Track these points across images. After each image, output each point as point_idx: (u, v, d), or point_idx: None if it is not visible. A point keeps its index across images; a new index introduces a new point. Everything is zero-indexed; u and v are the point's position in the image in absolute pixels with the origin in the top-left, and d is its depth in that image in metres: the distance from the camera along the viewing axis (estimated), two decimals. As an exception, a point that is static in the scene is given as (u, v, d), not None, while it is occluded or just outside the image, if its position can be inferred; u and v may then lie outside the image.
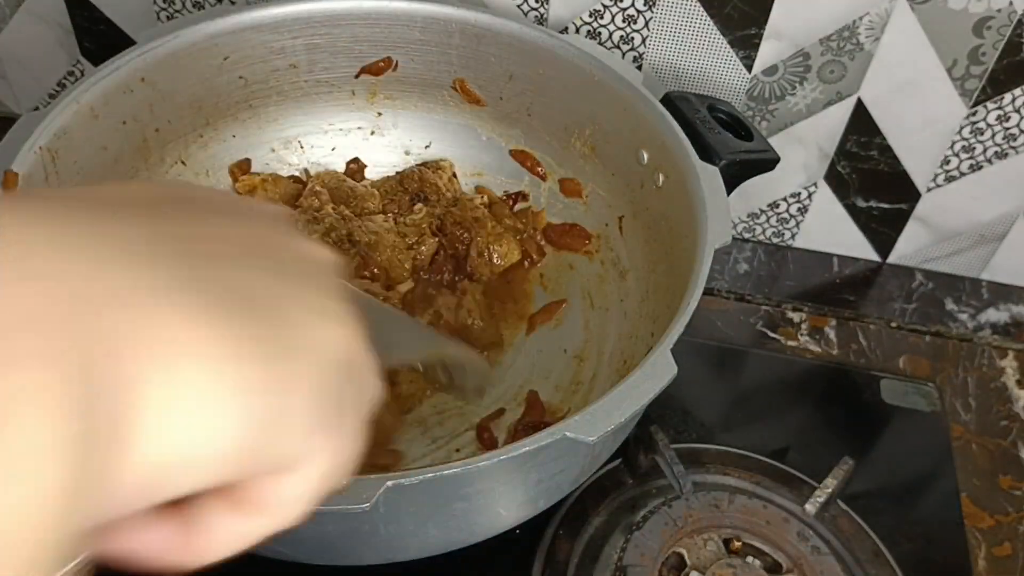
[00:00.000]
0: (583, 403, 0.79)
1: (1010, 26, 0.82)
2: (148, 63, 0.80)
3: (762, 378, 0.90)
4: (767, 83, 0.91)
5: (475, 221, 0.89)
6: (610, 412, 0.57)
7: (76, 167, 0.76)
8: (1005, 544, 0.78)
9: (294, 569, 0.65)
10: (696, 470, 0.79)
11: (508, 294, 0.89)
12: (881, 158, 0.94)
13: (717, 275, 1.00)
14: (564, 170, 0.91)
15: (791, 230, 1.02)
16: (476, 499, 0.60)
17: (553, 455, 0.59)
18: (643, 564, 0.70)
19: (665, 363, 0.59)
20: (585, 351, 0.84)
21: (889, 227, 0.99)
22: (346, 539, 0.61)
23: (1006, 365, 0.93)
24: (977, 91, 0.87)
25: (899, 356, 0.93)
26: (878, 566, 0.74)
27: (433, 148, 0.96)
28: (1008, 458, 0.85)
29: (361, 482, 0.52)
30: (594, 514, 0.76)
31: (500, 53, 0.88)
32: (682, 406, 0.86)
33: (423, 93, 0.93)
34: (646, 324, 0.78)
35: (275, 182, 0.90)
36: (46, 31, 1.01)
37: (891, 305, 0.98)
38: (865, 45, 0.86)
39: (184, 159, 0.88)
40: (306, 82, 0.91)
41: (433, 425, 0.79)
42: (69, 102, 0.74)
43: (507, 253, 0.89)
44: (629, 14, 0.89)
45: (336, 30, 0.88)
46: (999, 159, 0.92)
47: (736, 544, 0.72)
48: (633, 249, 0.84)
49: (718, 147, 0.76)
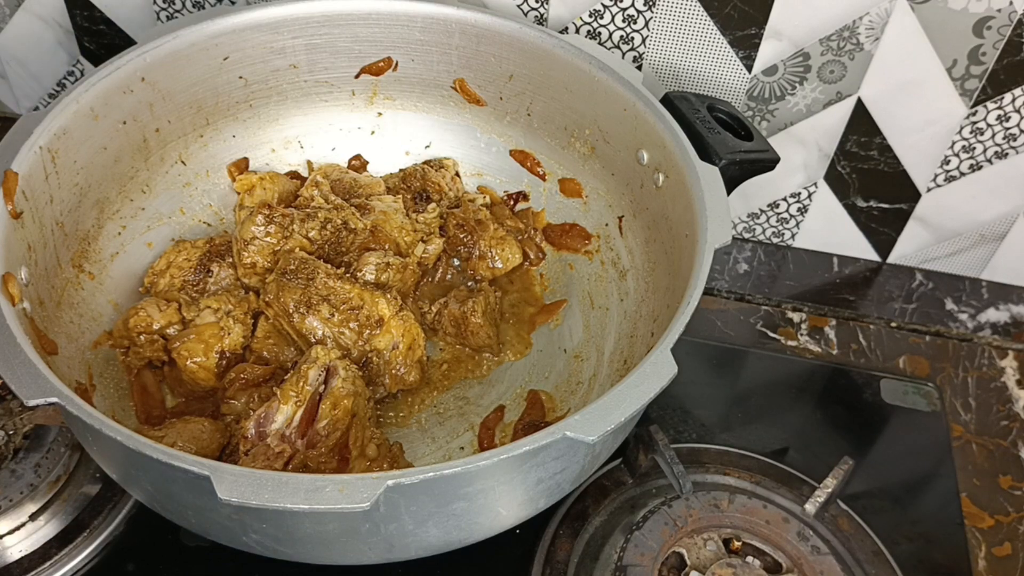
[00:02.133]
0: (583, 403, 0.79)
1: (1010, 26, 0.82)
2: (148, 63, 0.80)
3: (762, 378, 0.90)
4: (767, 83, 0.91)
5: (478, 224, 0.89)
6: (610, 412, 0.57)
7: (76, 167, 0.76)
8: (1005, 544, 0.78)
9: (294, 569, 0.65)
10: (696, 470, 0.79)
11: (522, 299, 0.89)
12: (881, 158, 0.94)
13: (717, 275, 1.00)
14: (564, 170, 0.91)
15: (791, 230, 1.02)
16: (476, 499, 0.60)
17: (553, 455, 0.59)
18: (643, 564, 0.70)
19: (665, 363, 0.59)
20: (585, 351, 0.84)
21: (889, 227, 0.99)
22: (346, 539, 0.61)
23: (1006, 365, 0.93)
24: (977, 91, 0.87)
25: (899, 356, 0.93)
26: (878, 566, 0.74)
27: (433, 148, 0.96)
28: (1008, 458, 0.85)
29: (361, 482, 0.52)
30: (594, 514, 0.76)
31: (500, 53, 0.88)
32: (682, 406, 0.86)
33: (423, 93, 0.93)
34: (646, 324, 0.78)
35: (273, 180, 0.90)
36: (46, 31, 1.01)
37: (891, 305, 0.98)
38: (865, 45, 0.86)
39: (184, 159, 0.88)
40: (306, 82, 0.91)
41: (433, 425, 0.79)
42: (69, 102, 0.74)
43: (509, 257, 0.89)
44: (629, 14, 0.89)
45: (336, 30, 0.88)
46: (999, 159, 0.92)
47: (736, 544, 0.72)
48: (633, 249, 0.84)
49: (718, 147, 0.76)
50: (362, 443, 0.70)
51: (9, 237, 0.66)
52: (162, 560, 0.72)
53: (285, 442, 0.66)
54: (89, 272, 0.79)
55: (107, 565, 0.71)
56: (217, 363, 0.76)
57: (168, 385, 0.79)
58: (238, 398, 0.75)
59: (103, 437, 0.55)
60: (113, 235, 0.82)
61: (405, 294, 0.83)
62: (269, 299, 0.77)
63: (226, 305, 0.79)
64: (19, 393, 0.55)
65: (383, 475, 0.52)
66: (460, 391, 0.82)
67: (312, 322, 0.75)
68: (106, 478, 0.74)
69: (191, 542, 0.73)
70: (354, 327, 0.75)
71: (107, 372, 0.77)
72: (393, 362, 0.77)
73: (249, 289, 0.82)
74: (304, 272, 0.77)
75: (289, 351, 0.78)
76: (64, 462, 0.74)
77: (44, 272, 0.72)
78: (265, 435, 0.66)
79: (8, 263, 0.65)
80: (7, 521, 0.71)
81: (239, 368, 0.76)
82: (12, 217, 0.67)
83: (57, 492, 0.73)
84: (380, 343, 0.76)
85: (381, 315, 0.76)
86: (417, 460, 0.76)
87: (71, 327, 0.75)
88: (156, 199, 0.86)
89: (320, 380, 0.69)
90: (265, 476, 0.52)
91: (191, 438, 0.71)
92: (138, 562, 0.72)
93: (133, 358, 0.78)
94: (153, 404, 0.77)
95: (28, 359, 0.57)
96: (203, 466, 0.52)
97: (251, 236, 0.81)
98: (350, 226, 0.83)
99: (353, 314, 0.75)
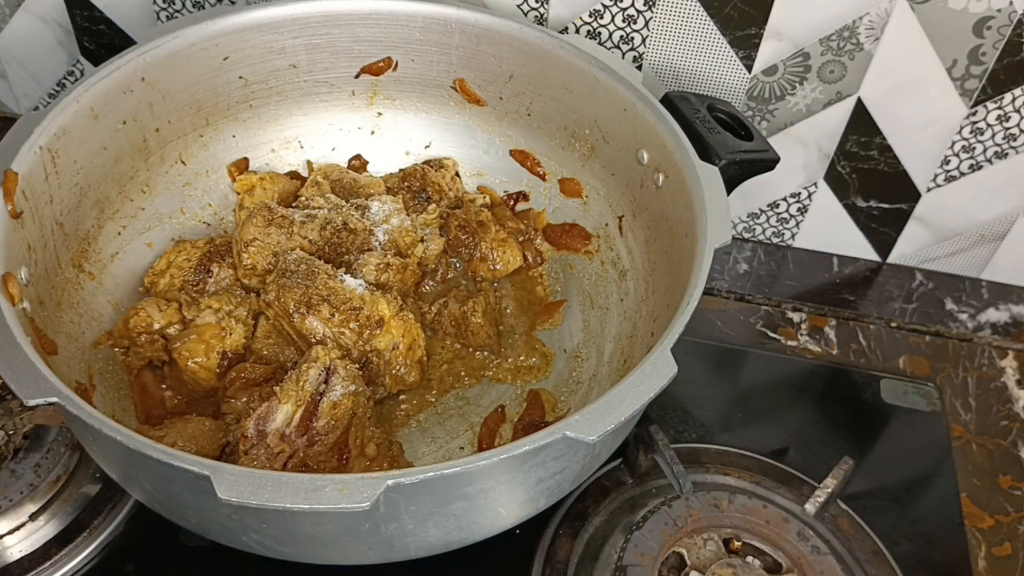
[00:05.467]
0: (583, 403, 0.79)
1: (1010, 26, 0.82)
2: (148, 63, 0.80)
3: (762, 378, 0.90)
4: (767, 83, 0.91)
5: (479, 225, 0.89)
6: (610, 412, 0.57)
7: (76, 167, 0.76)
8: (1005, 544, 0.78)
9: (294, 569, 0.65)
10: (696, 470, 0.79)
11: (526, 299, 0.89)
12: (881, 158, 0.94)
13: (717, 275, 1.00)
14: (564, 170, 0.91)
15: (791, 230, 1.02)
16: (476, 499, 0.60)
17: (553, 455, 0.59)
18: (643, 564, 0.70)
19: (665, 362, 0.59)
20: (585, 351, 0.84)
21: (889, 227, 0.99)
22: (346, 539, 0.61)
23: (1006, 365, 0.93)
24: (977, 91, 0.87)
25: (899, 356, 0.93)
26: (878, 566, 0.74)
27: (433, 148, 0.96)
28: (1008, 458, 0.85)
29: (361, 482, 0.52)
30: (594, 514, 0.76)
31: (500, 53, 0.88)
32: (682, 406, 0.86)
33: (423, 93, 0.93)
34: (646, 324, 0.78)
35: (273, 180, 0.90)
36: (46, 31, 1.01)
37: (891, 305, 0.98)
38: (865, 45, 0.86)
39: (184, 159, 0.88)
40: (306, 82, 0.91)
41: (433, 425, 0.79)
42: (69, 102, 0.74)
43: (509, 260, 0.89)
44: (629, 14, 0.89)
45: (336, 30, 0.88)
46: (999, 159, 0.92)
47: (736, 544, 0.72)
48: (633, 249, 0.84)
49: (718, 147, 0.76)
50: (362, 443, 0.70)
51: (9, 237, 0.66)
52: (162, 560, 0.72)
53: (285, 441, 0.66)
54: (89, 272, 0.79)
55: (107, 565, 0.71)
56: (218, 363, 0.76)
57: (168, 385, 0.79)
58: (238, 397, 0.75)
59: (103, 437, 0.55)
60: (113, 235, 0.82)
61: (405, 294, 0.83)
62: (269, 299, 0.77)
63: (227, 305, 0.79)
64: (19, 393, 0.55)
65: (383, 475, 0.52)
66: (460, 391, 0.82)
67: (312, 322, 0.75)
68: (106, 478, 0.74)
69: (191, 542, 0.73)
70: (354, 327, 0.75)
71: (107, 372, 0.77)
72: (393, 362, 0.77)
73: (249, 290, 0.82)
74: (304, 272, 0.77)
75: (289, 351, 0.78)
76: (64, 462, 0.74)
77: (44, 272, 0.72)
78: (265, 434, 0.66)
79: (8, 263, 0.65)
80: (7, 521, 0.71)
81: (239, 368, 0.76)
82: (12, 217, 0.67)
83: (57, 492, 0.73)
84: (380, 343, 0.76)
85: (381, 315, 0.76)
86: (417, 460, 0.76)
87: (71, 327, 0.75)
88: (156, 199, 0.86)
89: (320, 380, 0.69)
90: (265, 476, 0.52)
91: (191, 438, 0.71)
92: (138, 562, 0.72)
93: (133, 358, 0.78)
94: (153, 404, 0.77)
95: (28, 359, 0.57)
96: (203, 466, 0.52)
97: (251, 237, 0.81)
98: (350, 226, 0.83)
99: (353, 314, 0.75)
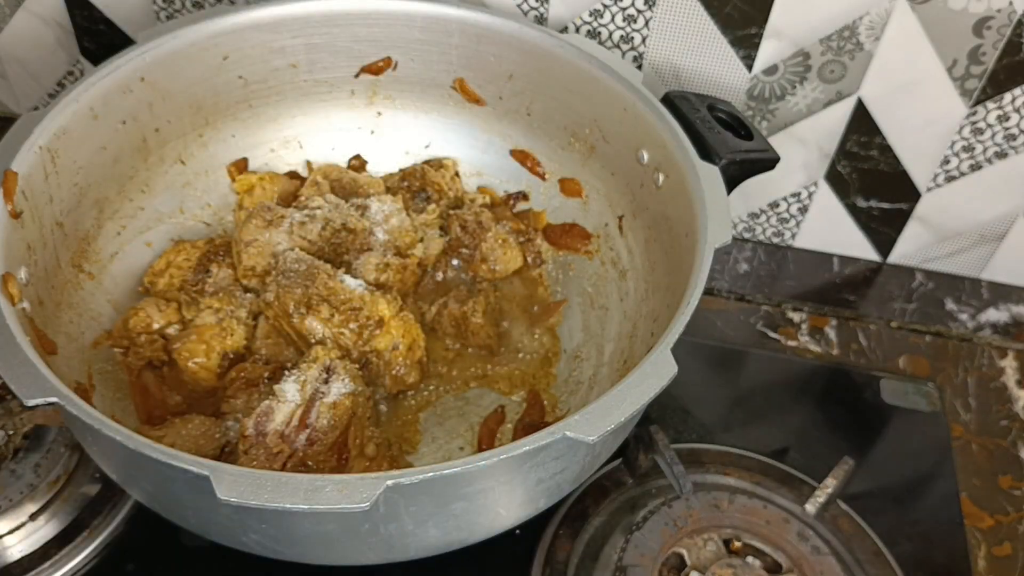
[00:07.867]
0: (583, 403, 0.78)
1: (1010, 26, 0.82)
2: (148, 63, 0.80)
3: (762, 378, 0.90)
4: (767, 83, 0.91)
5: (479, 226, 0.89)
6: (610, 412, 0.56)
7: (76, 167, 0.76)
8: (1005, 544, 0.78)
9: (294, 569, 0.65)
10: (696, 470, 0.79)
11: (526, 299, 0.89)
12: (881, 158, 0.94)
13: (717, 275, 1.00)
14: (564, 170, 0.91)
15: (791, 230, 1.02)
16: (476, 499, 0.60)
17: (553, 455, 0.59)
18: (643, 564, 0.70)
19: (665, 362, 0.59)
20: (585, 351, 0.84)
21: (889, 227, 0.99)
22: (346, 539, 0.61)
23: (1006, 365, 0.93)
24: (977, 91, 0.87)
25: (899, 356, 0.93)
26: (878, 566, 0.74)
27: (433, 148, 0.96)
28: (1008, 458, 0.85)
29: (361, 482, 0.52)
30: (594, 514, 0.76)
31: (500, 53, 0.88)
32: (682, 406, 0.86)
33: (423, 93, 0.93)
34: (646, 324, 0.78)
35: (272, 180, 0.90)
36: (46, 31, 1.01)
37: (891, 305, 0.98)
38: (865, 45, 0.86)
39: (184, 159, 0.88)
40: (306, 82, 0.91)
41: (433, 425, 0.79)
42: (69, 102, 0.74)
43: (510, 260, 0.89)
44: (629, 14, 0.89)
45: (336, 30, 0.88)
46: (999, 159, 0.92)
47: (736, 544, 0.72)
48: (633, 249, 0.84)
49: (718, 147, 0.76)
50: (361, 443, 0.70)
51: (9, 237, 0.66)
52: (162, 560, 0.72)
53: (284, 441, 0.66)
54: (89, 272, 0.79)
55: (107, 565, 0.71)
56: (218, 363, 0.76)
57: (168, 385, 0.79)
58: (238, 397, 0.75)
59: (103, 437, 0.55)
60: (112, 235, 0.82)
61: (405, 294, 0.83)
62: (269, 300, 0.77)
63: (228, 306, 0.79)
64: (19, 393, 0.55)
65: (383, 475, 0.52)
66: (460, 391, 0.82)
67: (312, 323, 0.75)
68: (106, 478, 0.74)
69: (191, 542, 0.73)
70: (354, 328, 0.75)
71: (107, 372, 0.77)
72: (393, 363, 0.77)
73: (249, 290, 0.82)
74: (304, 273, 0.77)
75: (289, 351, 0.78)
76: (64, 462, 0.74)
77: (44, 272, 0.72)
78: (264, 433, 0.66)
79: (8, 263, 0.65)
80: (7, 521, 0.71)
81: (239, 367, 0.76)
82: (12, 217, 0.67)
83: (57, 492, 0.73)
84: (380, 344, 0.76)
85: (381, 316, 0.76)
86: (417, 460, 0.76)
87: (71, 327, 0.75)
88: (155, 199, 0.86)
89: (320, 379, 0.69)
90: (265, 476, 0.52)
91: (191, 438, 0.70)
92: (138, 562, 0.72)
93: (133, 358, 0.78)
94: (153, 404, 0.77)
95: (28, 359, 0.57)
96: (203, 466, 0.52)
97: (251, 238, 0.81)
98: (349, 226, 0.83)
99: (353, 315, 0.75)
